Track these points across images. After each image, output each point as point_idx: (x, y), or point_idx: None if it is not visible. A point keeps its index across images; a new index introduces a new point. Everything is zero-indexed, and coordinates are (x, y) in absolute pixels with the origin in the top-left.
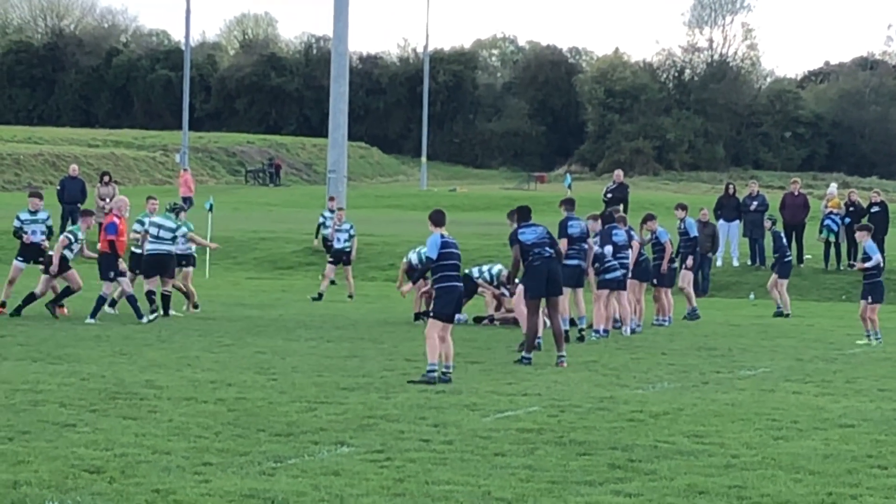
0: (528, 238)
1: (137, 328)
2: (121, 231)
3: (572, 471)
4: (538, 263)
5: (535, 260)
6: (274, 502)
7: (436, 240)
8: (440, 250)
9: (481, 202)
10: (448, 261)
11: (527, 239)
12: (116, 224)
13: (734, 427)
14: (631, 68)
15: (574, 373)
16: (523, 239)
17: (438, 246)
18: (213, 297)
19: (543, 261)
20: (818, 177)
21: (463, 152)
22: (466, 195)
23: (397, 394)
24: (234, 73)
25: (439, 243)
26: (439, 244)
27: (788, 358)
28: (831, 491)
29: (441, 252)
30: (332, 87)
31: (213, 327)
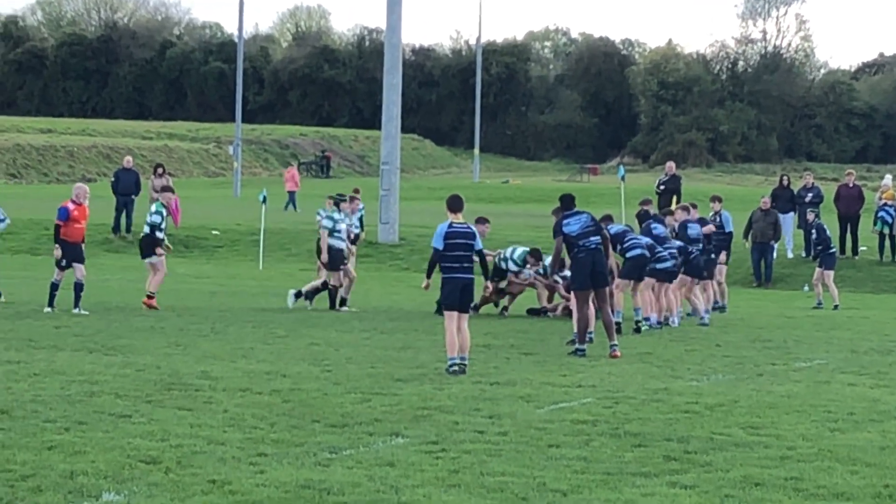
0: (573, 229)
1: (192, 319)
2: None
3: (627, 462)
4: (583, 255)
5: (581, 252)
6: (329, 493)
7: (441, 229)
8: (445, 240)
9: (534, 194)
10: (453, 251)
11: (571, 230)
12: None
13: (789, 419)
14: (684, 60)
15: (628, 364)
16: (567, 230)
17: (443, 236)
18: (267, 288)
19: (588, 252)
20: (872, 168)
21: (515, 144)
22: (519, 187)
23: (451, 385)
24: (287, 65)
25: (444, 233)
26: (444, 234)
27: (843, 350)
28: (888, 483)
29: (447, 242)
30: (385, 79)
31: (267, 319)
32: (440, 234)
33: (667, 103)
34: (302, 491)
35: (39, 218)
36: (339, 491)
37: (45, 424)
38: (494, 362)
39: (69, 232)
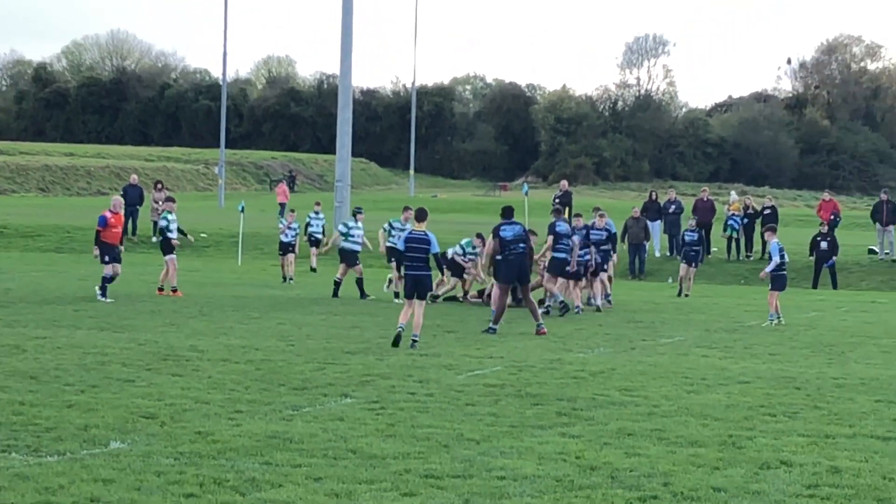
0: (507, 235)
1: (184, 304)
2: (111, 224)
3: (528, 417)
4: (512, 258)
5: (511, 255)
6: (291, 442)
7: (405, 234)
8: (405, 244)
9: (457, 206)
10: (410, 253)
11: (506, 235)
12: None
13: (656, 383)
14: (575, 100)
15: (530, 340)
16: (503, 235)
17: (404, 240)
18: (244, 280)
19: (517, 256)
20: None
21: (442, 166)
22: (445, 200)
23: (390, 357)
24: (262, 103)
25: (405, 238)
26: (405, 238)
27: (699, 329)
28: (732, 433)
29: (406, 245)
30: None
31: (244, 304)
32: (402, 239)
33: (562, 134)
34: (270, 440)
35: (63, 223)
36: (300, 440)
37: (65, 387)
38: (424, 338)
39: (108, 235)
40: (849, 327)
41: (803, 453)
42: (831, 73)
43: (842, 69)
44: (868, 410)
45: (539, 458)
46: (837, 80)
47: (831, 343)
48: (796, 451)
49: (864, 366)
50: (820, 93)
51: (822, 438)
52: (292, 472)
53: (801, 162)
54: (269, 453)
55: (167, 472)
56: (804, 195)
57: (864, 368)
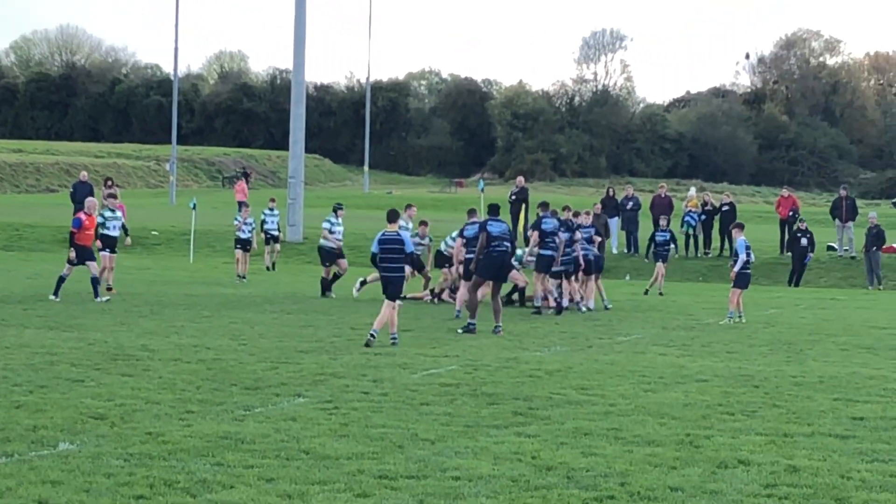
0: (494, 230)
1: (135, 303)
2: (85, 226)
3: (483, 416)
4: (496, 254)
5: (495, 251)
6: (243, 442)
7: (377, 237)
8: (379, 245)
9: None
10: (384, 254)
11: (493, 230)
12: (82, 220)
13: (613, 382)
14: (532, 96)
15: (486, 339)
16: (490, 230)
17: (378, 241)
18: (196, 278)
19: (500, 253)
20: (681, 182)
21: (397, 162)
22: (400, 196)
23: (343, 355)
24: (214, 98)
25: (378, 239)
26: (378, 240)
27: (656, 326)
28: (689, 432)
29: (381, 247)
30: (293, 110)
31: (196, 302)
32: (376, 241)
33: (518, 130)
34: (221, 441)
35: (12, 221)
36: (251, 441)
37: (13, 388)
38: (378, 337)
39: (82, 237)
40: (807, 324)
41: (761, 452)
42: (790, 67)
43: (800, 64)
44: (826, 409)
45: (494, 458)
46: (796, 75)
47: (790, 341)
48: (754, 450)
49: (822, 363)
50: (778, 88)
51: (781, 437)
52: (244, 473)
53: (759, 158)
54: (220, 454)
55: (117, 474)
56: (763, 191)
57: (822, 366)
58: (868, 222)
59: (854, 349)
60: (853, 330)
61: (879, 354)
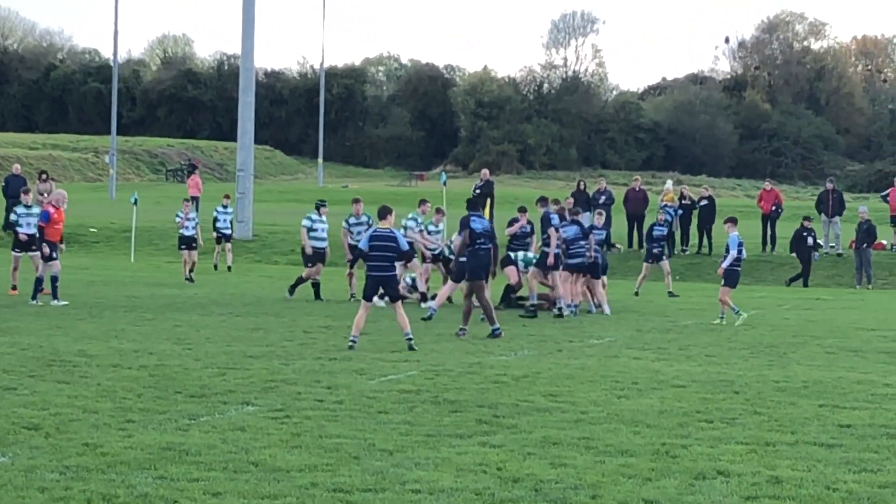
0: (477, 227)
1: (72, 305)
2: (54, 220)
3: (445, 425)
4: (483, 252)
5: (481, 249)
6: (188, 454)
7: (369, 233)
8: (369, 242)
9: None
10: (374, 252)
11: (476, 227)
12: (50, 213)
13: (583, 387)
14: (497, 83)
15: (448, 342)
16: (473, 226)
17: (368, 239)
18: (138, 278)
19: (486, 251)
20: (656, 175)
21: (354, 154)
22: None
23: (295, 361)
24: (156, 85)
25: (369, 236)
26: (369, 237)
27: (630, 329)
28: (665, 441)
29: (370, 244)
30: (241, 98)
31: (137, 304)
32: (366, 238)
33: (483, 119)
34: (164, 452)
35: None
36: (197, 452)
37: None
38: (333, 341)
39: (50, 233)
40: (791, 326)
41: (742, 462)
42: (772, 52)
43: (783, 48)
44: (811, 416)
45: (457, 470)
46: (779, 61)
47: (772, 343)
48: (734, 459)
49: (807, 368)
50: (760, 74)
51: (762, 446)
52: (189, 487)
53: (740, 148)
54: (163, 467)
55: (52, 488)
56: (744, 184)
57: (807, 370)
58: (858, 217)
59: (841, 352)
60: (840, 332)
61: (867, 358)
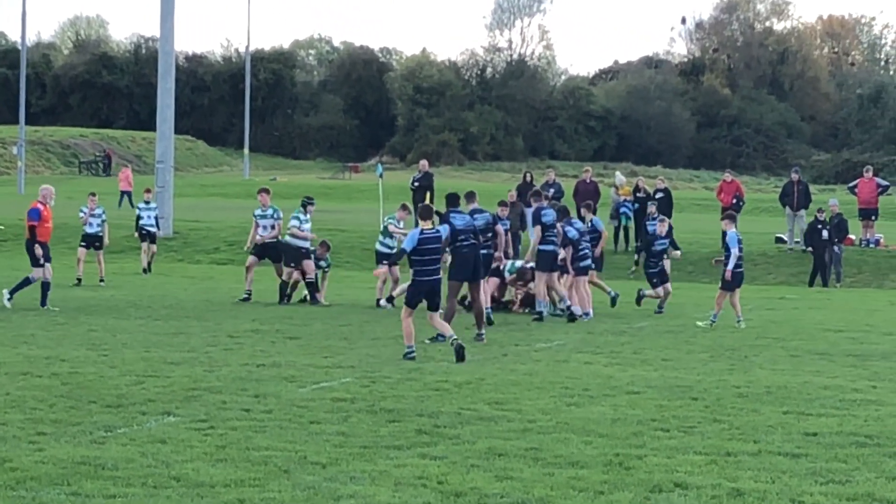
0: (458, 224)
1: None
2: (44, 217)
3: (382, 436)
4: (466, 250)
5: (463, 247)
6: (104, 468)
7: (414, 235)
8: (416, 246)
9: (299, 190)
10: (422, 256)
11: (457, 224)
12: (40, 210)
13: (531, 394)
14: (437, 67)
15: (384, 347)
16: (454, 222)
17: (415, 241)
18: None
19: (469, 247)
20: (608, 166)
21: (282, 144)
22: (286, 184)
23: (220, 367)
24: (68, 71)
25: (417, 239)
26: (417, 239)
27: (581, 331)
28: (619, 452)
29: (417, 248)
30: (160, 84)
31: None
32: (412, 239)
33: (422, 106)
34: (78, 467)
35: None
36: (114, 466)
37: None
38: (261, 346)
39: (41, 232)
40: (753, 328)
41: (701, 474)
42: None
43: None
44: (775, 423)
45: (395, 484)
46: (739, 43)
47: (733, 346)
48: (692, 471)
49: (770, 372)
50: (719, 57)
51: (723, 456)
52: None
53: (698, 137)
54: (77, 482)
55: None
56: (702, 175)
57: (770, 375)
58: (829, 210)
59: (806, 355)
60: (805, 333)
61: (835, 361)
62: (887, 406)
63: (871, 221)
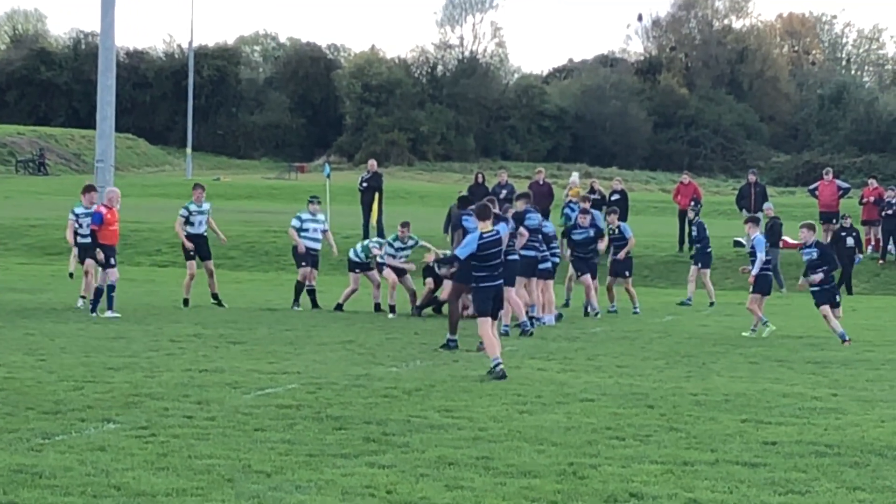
0: (471, 227)
1: None
2: (108, 221)
3: (329, 444)
4: None
5: None
6: (41, 477)
7: (473, 239)
8: (478, 252)
9: (244, 191)
10: (486, 261)
11: (470, 227)
12: (102, 213)
13: (482, 402)
14: (386, 64)
15: (331, 352)
16: (467, 226)
17: (476, 246)
18: None
19: None
20: (562, 167)
21: (226, 143)
22: (230, 184)
23: (162, 373)
24: (5, 66)
25: (478, 244)
26: (478, 244)
27: (534, 337)
28: (573, 461)
29: (479, 254)
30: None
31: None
32: (471, 244)
33: (370, 105)
34: (15, 475)
35: None
36: (52, 475)
37: None
38: (203, 351)
39: (105, 235)
40: (710, 333)
41: (657, 483)
42: (690, 31)
43: (702, 27)
44: (733, 432)
45: (342, 493)
46: (697, 41)
47: (690, 353)
48: (648, 480)
49: (728, 379)
50: (676, 55)
51: (679, 466)
52: None
53: (654, 138)
54: (13, 491)
55: None
56: (658, 177)
57: (728, 382)
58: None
59: (765, 362)
60: (764, 340)
61: (794, 368)
62: (848, 415)
63: (832, 225)
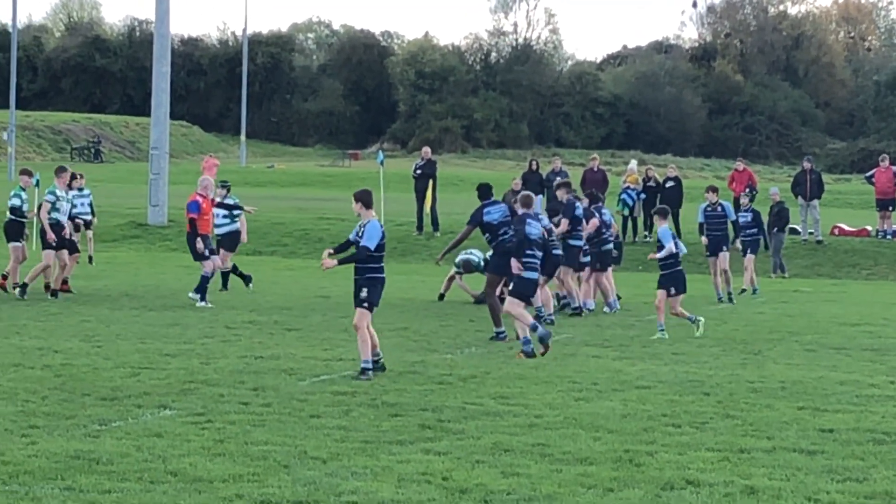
0: (495, 217)
1: None
2: (204, 210)
3: (384, 431)
4: (510, 245)
5: (507, 241)
6: (98, 462)
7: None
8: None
9: (298, 178)
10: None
11: (493, 219)
12: (199, 202)
13: (537, 389)
14: (440, 51)
15: (386, 339)
16: (489, 219)
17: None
18: None
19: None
20: (616, 154)
21: (280, 131)
22: (284, 171)
23: (217, 359)
24: (60, 54)
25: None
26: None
27: (589, 324)
28: (629, 448)
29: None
30: (155, 68)
31: (40, 297)
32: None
33: (424, 92)
34: (72, 461)
35: None
36: (109, 461)
37: None
38: (259, 337)
39: (202, 224)
40: (766, 321)
41: (713, 471)
42: (745, 18)
43: (757, 13)
44: (789, 419)
45: (398, 480)
46: (752, 27)
47: (746, 340)
48: (704, 468)
49: (784, 367)
50: (731, 42)
51: (735, 453)
52: (100, 500)
53: (709, 124)
54: (71, 477)
55: None
56: (713, 164)
57: (784, 370)
58: (770, 199)
59: (821, 349)
60: (820, 327)
61: (851, 356)
62: None
63: (888, 212)
